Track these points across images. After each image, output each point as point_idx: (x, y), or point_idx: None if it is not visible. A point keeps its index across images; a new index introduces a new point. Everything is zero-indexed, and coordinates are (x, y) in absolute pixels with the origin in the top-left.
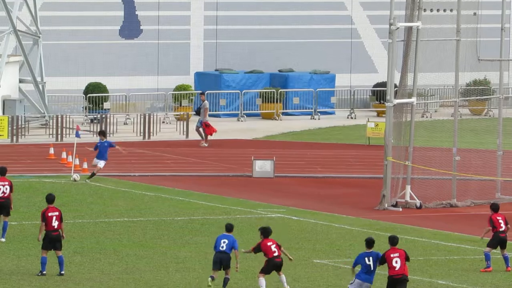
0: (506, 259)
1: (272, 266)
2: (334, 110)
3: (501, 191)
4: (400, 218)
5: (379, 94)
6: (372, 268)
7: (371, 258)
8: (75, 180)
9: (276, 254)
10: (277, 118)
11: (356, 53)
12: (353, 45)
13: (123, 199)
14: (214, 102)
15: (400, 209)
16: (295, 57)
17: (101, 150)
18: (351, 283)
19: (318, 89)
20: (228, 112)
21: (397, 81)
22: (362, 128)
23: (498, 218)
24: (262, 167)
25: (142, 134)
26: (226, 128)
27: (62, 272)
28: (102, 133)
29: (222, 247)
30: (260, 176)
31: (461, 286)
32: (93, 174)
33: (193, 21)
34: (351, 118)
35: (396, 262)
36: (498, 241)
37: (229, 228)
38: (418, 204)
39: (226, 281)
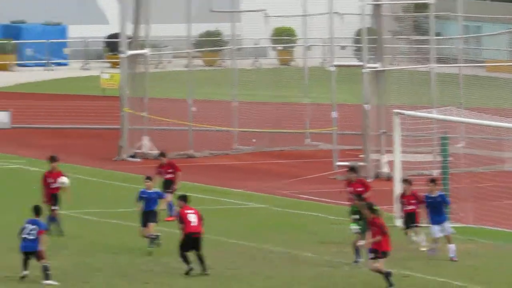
0: None
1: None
2: (67, 61)
3: (238, 142)
4: (138, 169)
5: (113, 45)
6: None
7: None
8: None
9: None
10: (10, 69)
11: (86, 4)
12: None
13: None
14: None
15: (139, 160)
16: (27, 8)
17: None
18: None
19: (50, 40)
20: None
21: (130, 32)
22: (96, 79)
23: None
24: None
25: None
26: None
27: None
28: None
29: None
30: None
31: (203, 237)
32: None
33: None
34: (85, 69)
35: (193, 218)
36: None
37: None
38: (156, 155)
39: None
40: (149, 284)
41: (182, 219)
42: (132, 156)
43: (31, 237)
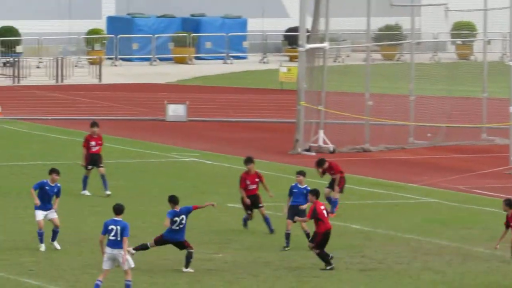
0: None
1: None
2: (246, 55)
3: (413, 136)
4: (312, 163)
5: (291, 38)
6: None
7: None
8: None
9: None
10: (189, 62)
11: None
12: None
13: (37, 143)
14: (126, 46)
15: (314, 154)
16: (207, 2)
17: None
18: None
19: (230, 34)
20: (141, 57)
21: (309, 26)
22: (274, 72)
23: None
24: (175, 111)
25: (55, 77)
26: (139, 72)
27: None
28: None
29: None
30: (173, 120)
31: (374, 231)
32: None
33: None
34: (264, 62)
35: (326, 214)
36: None
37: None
38: (331, 149)
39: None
40: (318, 278)
41: (320, 216)
42: (307, 150)
43: (181, 226)
